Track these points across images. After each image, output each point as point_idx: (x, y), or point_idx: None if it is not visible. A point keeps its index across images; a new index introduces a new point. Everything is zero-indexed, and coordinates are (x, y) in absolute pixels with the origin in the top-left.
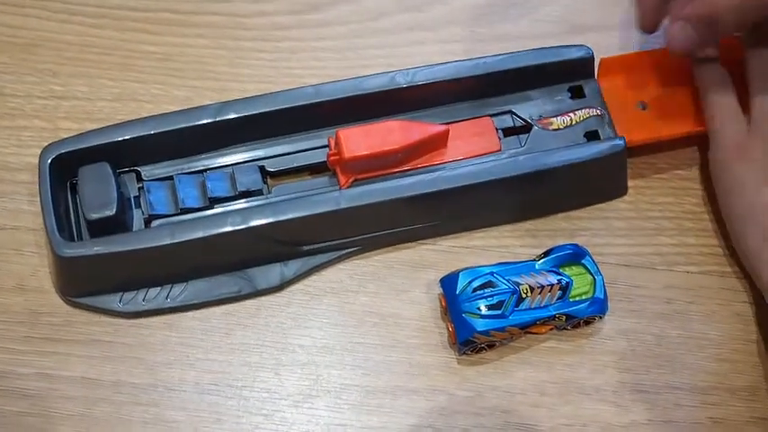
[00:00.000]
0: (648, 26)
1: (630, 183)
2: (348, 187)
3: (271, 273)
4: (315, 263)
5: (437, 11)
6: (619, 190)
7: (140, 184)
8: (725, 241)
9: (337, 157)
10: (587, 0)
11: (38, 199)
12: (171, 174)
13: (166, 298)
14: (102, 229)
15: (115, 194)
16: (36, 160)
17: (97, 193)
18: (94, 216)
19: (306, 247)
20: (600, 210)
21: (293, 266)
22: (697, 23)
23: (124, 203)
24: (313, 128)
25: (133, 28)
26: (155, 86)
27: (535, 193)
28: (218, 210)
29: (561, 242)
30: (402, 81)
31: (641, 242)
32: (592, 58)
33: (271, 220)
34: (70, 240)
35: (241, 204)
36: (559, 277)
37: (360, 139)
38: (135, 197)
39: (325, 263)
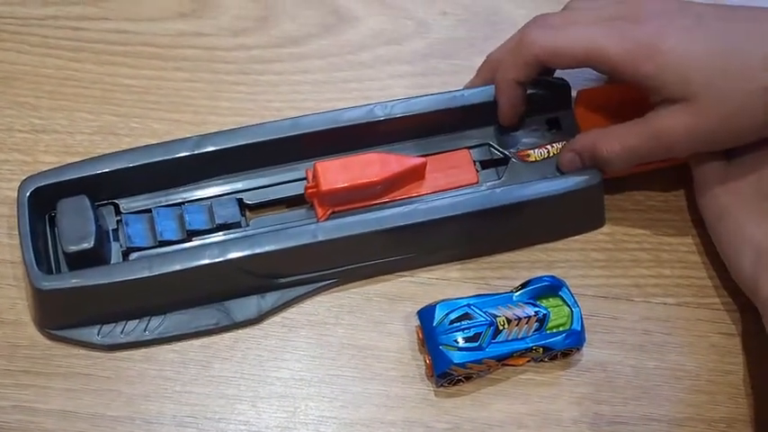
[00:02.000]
0: (508, 123)
1: (607, 214)
2: (325, 220)
3: (248, 305)
4: (292, 295)
5: (416, 44)
6: (596, 222)
7: (118, 217)
8: (701, 273)
9: (315, 190)
10: None
11: (17, 232)
12: (149, 206)
13: (144, 330)
14: (80, 261)
15: (93, 227)
16: (16, 194)
17: (75, 225)
18: (72, 249)
19: (283, 280)
20: (577, 241)
21: (271, 299)
22: (585, 158)
23: (102, 236)
24: (291, 160)
25: (111, 62)
26: (134, 120)
27: (512, 226)
28: (195, 242)
29: (538, 274)
30: (380, 114)
31: (618, 274)
32: (569, 90)
33: (248, 252)
34: (48, 273)
35: (219, 237)
36: (536, 309)
37: (337, 172)
38: (113, 230)
39: (303, 295)
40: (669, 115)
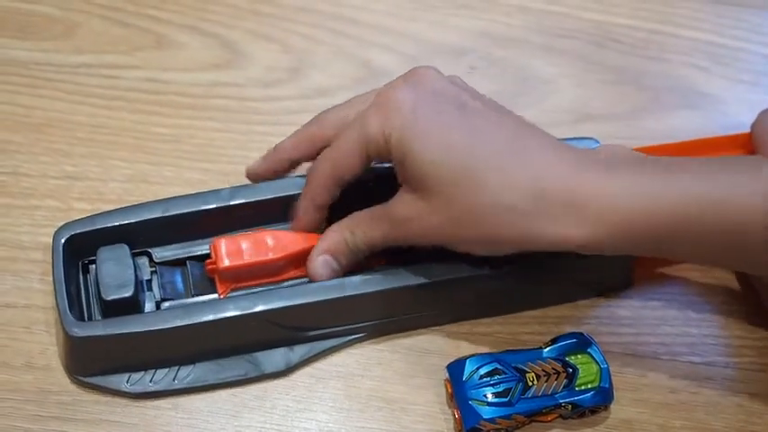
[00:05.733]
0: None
1: (635, 272)
2: (225, 297)
3: (277, 357)
4: (321, 348)
5: None
6: (624, 283)
7: (152, 267)
8: (728, 332)
9: (214, 267)
10: (594, 89)
11: (49, 278)
12: (181, 255)
13: (174, 379)
14: (116, 310)
15: (133, 276)
16: (49, 240)
17: (115, 274)
18: (112, 297)
19: (312, 333)
20: (605, 298)
21: (299, 351)
22: (340, 258)
23: (138, 285)
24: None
25: (144, 110)
26: (166, 168)
27: (541, 286)
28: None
29: (567, 330)
30: None
31: (645, 331)
32: None
33: (278, 305)
34: (81, 320)
35: (251, 289)
36: (566, 366)
37: (237, 249)
38: (147, 280)
39: (332, 348)
40: (407, 203)
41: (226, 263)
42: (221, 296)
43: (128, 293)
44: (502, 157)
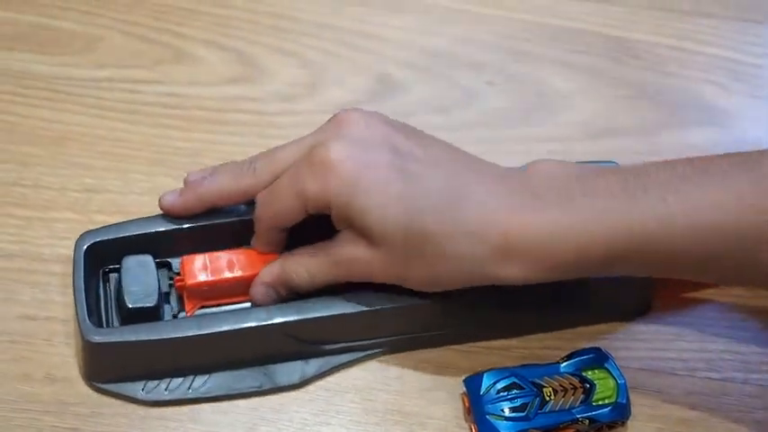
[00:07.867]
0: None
1: (654, 297)
2: (192, 314)
3: (292, 370)
4: (337, 362)
5: (462, 113)
6: (643, 307)
7: (171, 279)
8: (745, 348)
9: (182, 284)
10: (612, 105)
11: (69, 290)
12: None
13: (189, 389)
14: (136, 318)
15: (157, 286)
16: (68, 252)
17: (140, 283)
18: (136, 306)
19: (328, 346)
20: None
21: (314, 365)
22: (279, 289)
23: (160, 296)
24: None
25: (164, 124)
26: None
27: (558, 311)
28: (244, 305)
29: (584, 345)
30: None
31: (662, 347)
32: None
33: (294, 317)
34: (98, 327)
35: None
36: (583, 381)
37: (204, 267)
38: (166, 292)
39: (348, 363)
40: (350, 247)
41: (193, 280)
42: (188, 314)
43: (151, 303)
44: (440, 204)
